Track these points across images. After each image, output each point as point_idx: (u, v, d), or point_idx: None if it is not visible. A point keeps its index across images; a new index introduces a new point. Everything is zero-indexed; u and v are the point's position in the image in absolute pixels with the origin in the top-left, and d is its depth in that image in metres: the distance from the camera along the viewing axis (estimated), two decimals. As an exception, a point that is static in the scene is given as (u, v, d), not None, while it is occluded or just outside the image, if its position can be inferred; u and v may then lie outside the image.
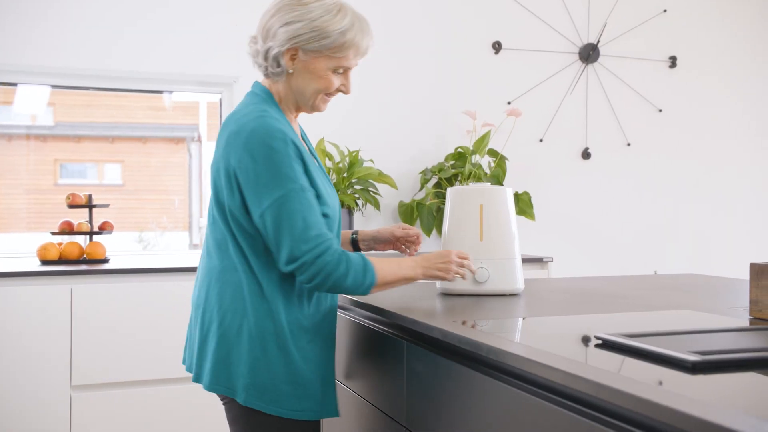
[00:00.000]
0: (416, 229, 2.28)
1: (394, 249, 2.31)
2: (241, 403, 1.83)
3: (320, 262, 1.78)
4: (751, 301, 1.76)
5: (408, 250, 2.29)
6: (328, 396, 1.91)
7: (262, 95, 1.97)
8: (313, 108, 2.02)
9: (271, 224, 1.79)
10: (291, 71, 1.94)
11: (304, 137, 2.16)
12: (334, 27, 1.90)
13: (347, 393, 2.21)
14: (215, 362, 1.85)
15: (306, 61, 1.93)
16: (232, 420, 1.90)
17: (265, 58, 1.95)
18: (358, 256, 1.85)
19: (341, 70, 1.97)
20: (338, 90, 2.01)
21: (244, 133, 1.83)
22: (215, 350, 1.86)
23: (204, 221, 4.51)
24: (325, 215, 1.90)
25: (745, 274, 4.02)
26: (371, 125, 4.48)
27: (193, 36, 4.15)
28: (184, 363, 2.04)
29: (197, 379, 1.92)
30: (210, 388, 1.87)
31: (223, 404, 1.93)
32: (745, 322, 1.72)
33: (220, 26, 4.19)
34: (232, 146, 1.84)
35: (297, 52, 1.91)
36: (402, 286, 2.07)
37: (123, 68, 4.07)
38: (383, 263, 1.90)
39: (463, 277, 2.06)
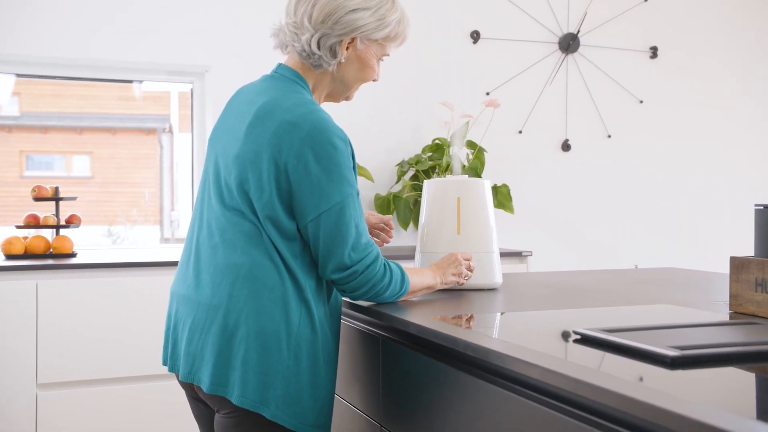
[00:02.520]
0: (389, 217, 2.29)
1: None
2: (268, 417, 1.70)
3: (369, 272, 1.77)
4: (731, 296, 1.77)
5: (378, 239, 2.28)
6: (330, 413, 1.83)
7: (301, 83, 1.90)
8: (349, 97, 2.03)
9: (326, 230, 1.73)
10: (343, 61, 1.91)
11: None
12: (391, 16, 1.91)
13: (322, 390, 2.21)
14: (247, 371, 1.70)
15: (361, 50, 1.91)
16: None
17: (318, 47, 1.87)
18: (397, 267, 1.86)
19: (383, 59, 1.99)
20: (374, 80, 2.01)
21: (305, 128, 1.74)
22: (247, 358, 1.70)
23: (176, 215, 4.49)
24: None
25: (726, 268, 4.05)
26: (347, 116, 4.46)
27: (163, 24, 4.12)
28: (166, 364, 1.91)
29: (216, 389, 1.72)
30: (240, 401, 1.69)
31: (227, 415, 1.75)
32: (725, 317, 1.74)
33: (191, 14, 4.16)
34: (287, 138, 1.74)
35: (355, 41, 1.90)
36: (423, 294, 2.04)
37: (91, 57, 4.03)
38: (411, 273, 1.91)
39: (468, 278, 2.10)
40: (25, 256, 3.59)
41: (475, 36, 4.73)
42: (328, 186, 1.73)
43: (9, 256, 3.57)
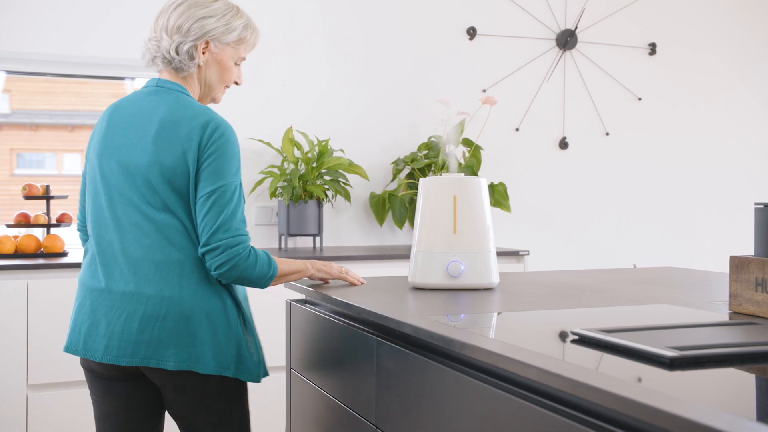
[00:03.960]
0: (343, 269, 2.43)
1: None
2: (230, 376, 2.07)
3: (232, 252, 2.04)
4: (730, 295, 1.77)
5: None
6: (264, 362, 2.22)
7: (184, 91, 2.17)
8: (215, 99, 2.29)
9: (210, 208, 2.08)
10: (202, 64, 2.19)
11: None
12: (236, 22, 2.22)
13: (315, 390, 2.21)
14: (205, 346, 2.03)
15: (216, 53, 2.21)
16: (222, 396, 2.10)
17: (177, 53, 2.16)
18: (264, 252, 2.10)
19: (238, 62, 2.27)
20: (234, 82, 2.30)
21: (212, 127, 2.07)
22: (203, 336, 2.03)
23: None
24: None
25: (726, 268, 4.06)
26: (342, 114, 4.46)
27: (154, 19, 4.11)
28: (71, 351, 2.17)
29: (184, 366, 2.02)
30: (207, 369, 2.03)
31: (196, 386, 2.07)
32: (724, 317, 1.74)
33: (184, 10, 4.15)
34: (201, 139, 2.06)
35: (209, 45, 2.19)
36: (295, 279, 2.25)
37: (83, 54, 4.02)
38: (279, 260, 2.15)
39: (344, 279, 2.33)
40: (16, 255, 3.59)
41: (472, 32, 4.73)
42: (227, 173, 2.06)
43: (-1, 256, 3.56)
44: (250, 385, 3.40)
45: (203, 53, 2.18)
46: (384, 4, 4.56)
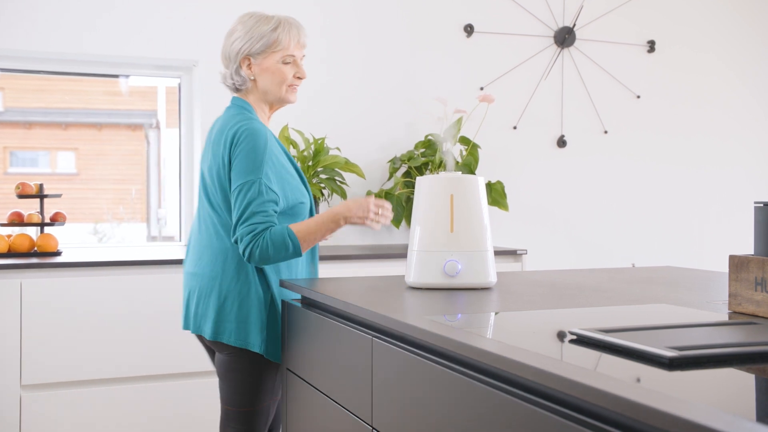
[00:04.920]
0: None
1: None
2: (254, 350, 2.44)
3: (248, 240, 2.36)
4: (730, 295, 1.77)
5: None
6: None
7: (244, 105, 2.54)
8: (283, 100, 2.57)
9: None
10: (253, 78, 2.54)
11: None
12: (263, 29, 2.50)
13: (311, 391, 2.20)
14: (234, 323, 2.44)
15: (258, 63, 2.52)
16: (242, 366, 2.47)
17: (232, 77, 2.56)
18: (280, 229, 2.36)
19: (289, 60, 2.54)
20: (296, 78, 2.57)
21: (234, 133, 2.42)
22: (234, 314, 2.44)
23: (163, 212, 4.48)
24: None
25: (725, 267, 4.06)
26: (338, 112, 4.46)
27: (151, 18, 4.11)
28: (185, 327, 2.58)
29: (216, 337, 2.46)
30: (235, 342, 2.43)
31: (226, 354, 2.48)
32: (724, 317, 1.74)
33: (179, 8, 4.15)
34: (228, 144, 2.42)
35: (250, 61, 2.52)
36: (331, 233, 2.48)
37: (77, 51, 4.02)
38: (302, 225, 2.40)
39: (378, 224, 2.48)
40: (9, 254, 3.58)
41: (469, 29, 4.72)
42: (244, 168, 2.38)
43: (-8, 255, 3.56)
44: None
45: (249, 69, 2.52)
46: (381, 2, 4.55)
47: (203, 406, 3.54)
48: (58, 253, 3.68)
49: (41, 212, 3.78)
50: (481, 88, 4.74)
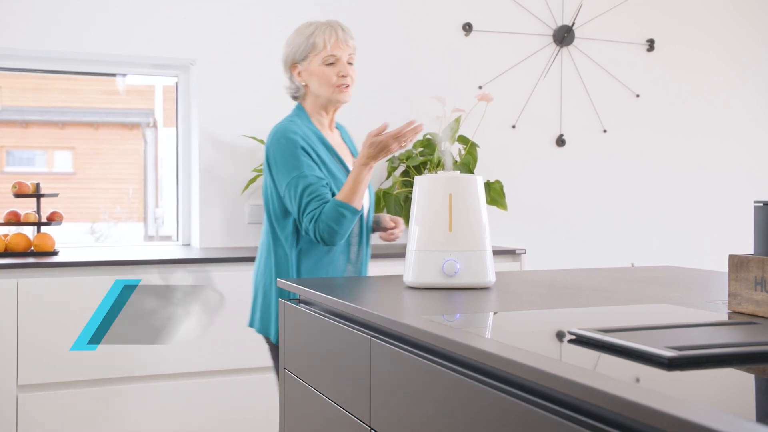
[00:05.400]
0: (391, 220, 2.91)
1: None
2: (272, 340, 2.65)
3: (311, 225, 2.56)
4: (729, 295, 1.77)
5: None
6: None
7: (299, 111, 2.74)
8: (333, 100, 2.72)
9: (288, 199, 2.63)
10: (305, 83, 2.71)
11: (344, 138, 2.99)
12: (302, 36, 2.69)
13: (309, 391, 2.20)
14: (274, 320, 2.64)
15: (304, 69, 2.69)
16: (276, 356, 2.66)
17: (289, 86, 2.77)
18: (330, 205, 2.51)
19: (331, 61, 2.66)
20: (341, 77, 2.67)
21: (272, 134, 2.68)
22: (273, 311, 2.64)
23: (160, 212, 4.49)
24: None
25: (725, 267, 4.05)
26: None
27: (148, 16, 4.11)
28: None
29: (262, 331, 2.69)
30: (275, 339, 2.62)
31: (272, 348, 2.69)
32: (723, 316, 1.73)
33: (176, 6, 4.15)
34: (267, 145, 2.67)
35: (297, 67, 2.71)
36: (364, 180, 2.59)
37: (74, 50, 4.01)
38: (344, 189, 2.55)
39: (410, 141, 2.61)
40: (5, 254, 3.58)
41: (468, 28, 4.72)
42: (284, 169, 2.57)
43: (-12, 255, 3.56)
44: (246, 385, 3.68)
45: (299, 76, 2.71)
46: (380, 0, 4.55)
47: (199, 407, 3.54)
48: (54, 253, 3.68)
49: (38, 212, 3.78)
50: (480, 87, 4.74)
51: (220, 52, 4.19)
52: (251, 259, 3.67)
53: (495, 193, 4.39)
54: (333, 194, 2.58)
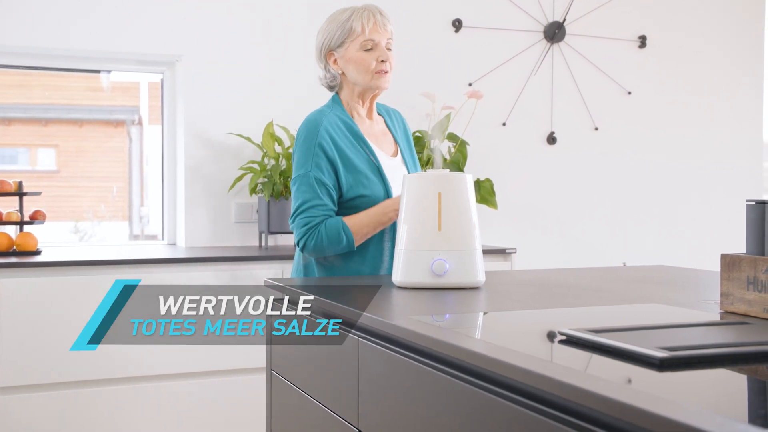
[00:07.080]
0: None
1: None
2: None
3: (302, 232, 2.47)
4: (722, 294, 1.77)
5: None
6: None
7: (335, 100, 2.66)
8: (372, 87, 2.60)
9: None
10: (341, 71, 2.61)
11: (389, 126, 2.85)
12: (338, 22, 2.59)
13: (296, 392, 2.20)
14: None
15: (341, 56, 2.58)
16: None
17: (324, 76, 2.66)
18: (333, 222, 2.44)
19: (369, 46, 2.56)
20: (380, 63, 2.58)
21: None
22: None
23: (145, 210, 4.47)
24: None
25: (717, 266, 4.06)
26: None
27: (132, 12, 4.09)
28: None
29: None
30: None
31: None
32: (715, 316, 1.74)
33: (162, 1, 4.13)
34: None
35: (333, 55, 2.60)
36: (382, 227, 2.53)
37: (56, 45, 4.00)
38: (356, 219, 2.47)
39: None
40: (-13, 253, 3.56)
41: (457, 24, 4.72)
42: (296, 162, 2.54)
43: (-30, 254, 3.54)
44: (231, 386, 3.64)
45: (336, 64, 2.60)
46: (367, -4, 4.54)
47: (184, 407, 3.53)
48: (37, 252, 3.66)
49: (20, 210, 3.77)
50: (470, 84, 4.74)
51: (206, 49, 4.17)
52: (238, 259, 3.67)
53: (485, 192, 4.39)
54: (332, 200, 2.50)
